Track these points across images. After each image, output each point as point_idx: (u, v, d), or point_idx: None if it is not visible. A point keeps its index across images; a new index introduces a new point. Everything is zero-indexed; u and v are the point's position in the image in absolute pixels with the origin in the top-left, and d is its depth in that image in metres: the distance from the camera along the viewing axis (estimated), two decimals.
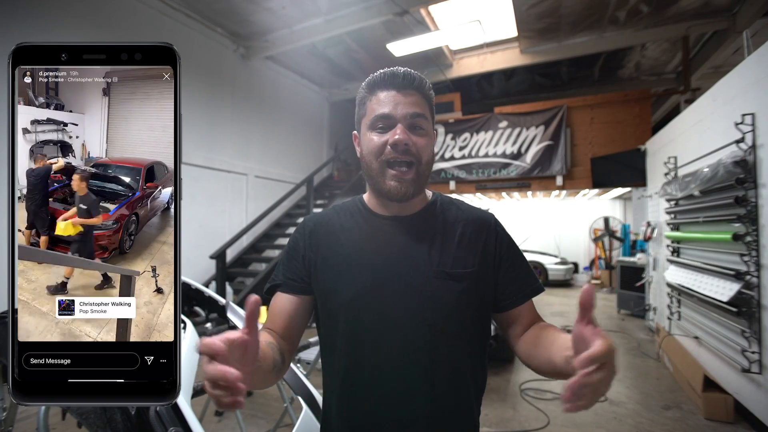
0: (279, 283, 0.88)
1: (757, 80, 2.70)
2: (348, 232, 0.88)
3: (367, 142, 0.83)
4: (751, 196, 2.68)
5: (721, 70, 5.46)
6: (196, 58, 5.60)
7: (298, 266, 0.88)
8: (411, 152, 0.79)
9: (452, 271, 0.81)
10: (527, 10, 5.31)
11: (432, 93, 0.86)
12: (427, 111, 0.83)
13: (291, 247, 0.92)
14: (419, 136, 0.80)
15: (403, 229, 0.86)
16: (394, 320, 0.80)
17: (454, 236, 0.85)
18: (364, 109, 0.85)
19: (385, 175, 0.80)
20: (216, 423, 2.99)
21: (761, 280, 2.60)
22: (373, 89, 0.83)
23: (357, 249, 0.85)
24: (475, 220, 0.89)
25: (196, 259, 5.46)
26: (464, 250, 0.84)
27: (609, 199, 11.31)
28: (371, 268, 0.83)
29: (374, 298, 0.81)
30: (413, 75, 0.82)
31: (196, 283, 1.95)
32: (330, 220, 0.92)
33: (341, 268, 0.84)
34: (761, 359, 2.58)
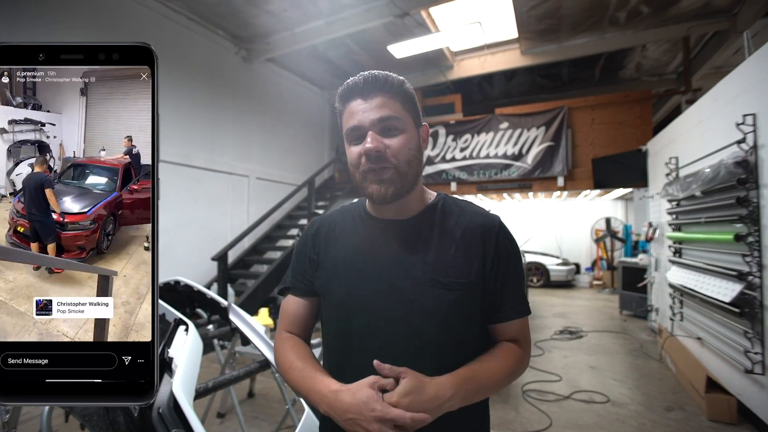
0: (289, 286, 0.93)
1: (758, 81, 2.69)
2: (346, 234, 0.89)
3: (348, 155, 0.82)
4: (753, 196, 2.67)
5: (722, 71, 5.45)
6: (198, 61, 5.62)
7: (306, 268, 0.91)
8: (385, 157, 0.77)
9: (445, 280, 0.79)
10: (528, 12, 5.32)
11: (405, 88, 0.81)
12: (399, 109, 0.79)
13: (299, 249, 0.94)
14: (393, 137, 0.78)
15: (399, 234, 0.84)
16: (381, 326, 0.80)
17: (452, 243, 0.82)
18: (341, 122, 0.84)
19: (366, 180, 0.79)
20: (218, 425, 2.99)
21: (763, 281, 2.59)
22: (343, 101, 0.82)
23: (352, 252, 0.86)
24: (477, 225, 0.84)
25: (198, 260, 5.47)
26: (461, 258, 0.81)
27: (610, 200, 11.30)
28: (362, 271, 0.83)
29: (363, 302, 0.81)
30: (376, 77, 0.79)
31: (198, 285, 1.96)
32: (333, 221, 0.94)
33: (336, 270, 0.86)
34: (764, 360, 2.57)
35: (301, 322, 0.92)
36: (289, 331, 0.91)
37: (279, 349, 0.89)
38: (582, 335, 5.41)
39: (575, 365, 4.23)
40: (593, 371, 4.05)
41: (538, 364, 4.17)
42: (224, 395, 3.10)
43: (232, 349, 2.86)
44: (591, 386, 3.64)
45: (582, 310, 7.29)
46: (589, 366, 4.21)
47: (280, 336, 0.91)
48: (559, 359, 4.43)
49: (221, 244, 5.67)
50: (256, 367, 1.49)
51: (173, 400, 0.85)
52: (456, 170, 7.42)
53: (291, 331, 0.91)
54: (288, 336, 0.90)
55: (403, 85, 0.82)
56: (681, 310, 4.00)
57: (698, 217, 3.51)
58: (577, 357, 4.51)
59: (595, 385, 3.65)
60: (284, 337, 0.90)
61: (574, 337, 5.31)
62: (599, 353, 4.64)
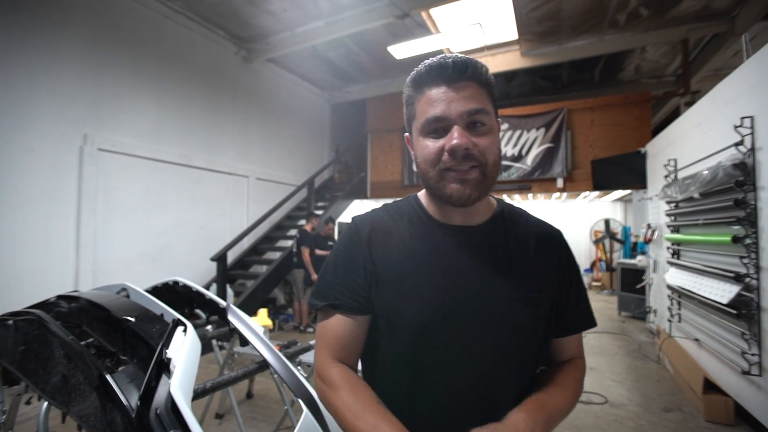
0: (336, 303, 0.75)
1: (756, 83, 2.70)
2: (409, 242, 0.76)
3: (421, 149, 0.71)
4: (751, 198, 2.68)
5: (721, 73, 5.47)
6: (198, 61, 5.63)
7: (359, 281, 0.75)
8: (473, 156, 0.67)
9: (530, 295, 0.72)
10: (528, 14, 5.33)
11: (491, 78, 0.72)
12: (488, 102, 0.70)
13: (346, 255, 0.78)
14: (481, 135, 0.68)
15: (473, 243, 0.75)
16: (465, 347, 0.71)
17: (528, 253, 0.76)
18: (412, 110, 0.74)
19: (444, 179, 0.69)
20: (216, 426, 2.99)
21: (761, 283, 2.60)
22: (419, 87, 0.71)
23: (422, 264, 0.74)
24: (546, 236, 0.80)
25: (197, 261, 5.48)
26: (540, 269, 0.76)
27: (609, 201, 11.30)
28: (441, 288, 0.71)
29: (444, 322, 0.70)
30: (466, 62, 0.68)
31: (197, 286, 1.96)
32: (386, 225, 0.80)
33: (405, 285, 0.73)
34: (761, 361, 2.57)
35: (351, 347, 0.75)
36: (338, 358, 0.75)
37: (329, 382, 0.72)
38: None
39: None
40: (592, 372, 4.06)
41: None
42: (223, 396, 3.10)
43: (230, 350, 2.87)
44: (589, 387, 3.64)
45: None
46: (587, 367, 4.20)
47: (327, 367, 0.74)
48: None
49: (220, 244, 5.68)
50: (255, 367, 1.49)
51: (171, 401, 0.85)
52: None
53: (341, 359, 0.75)
54: (340, 370, 0.73)
55: (489, 75, 0.72)
56: (679, 312, 4.01)
57: (696, 219, 3.52)
58: None
59: (594, 386, 3.66)
60: (336, 371, 0.73)
61: None
62: (598, 354, 4.65)
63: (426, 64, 0.70)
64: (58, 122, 3.96)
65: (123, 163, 4.56)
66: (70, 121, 4.06)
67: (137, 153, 4.70)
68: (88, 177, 4.16)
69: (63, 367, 1.04)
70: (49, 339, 1.11)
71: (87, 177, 4.15)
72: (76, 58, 4.13)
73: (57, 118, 3.95)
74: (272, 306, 6.37)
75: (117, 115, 4.53)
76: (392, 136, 8.09)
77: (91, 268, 4.17)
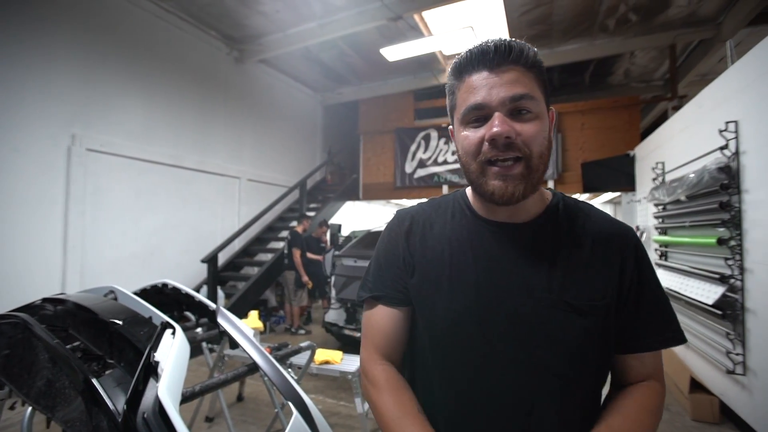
0: (380, 294, 0.75)
1: (741, 89, 2.76)
2: (448, 235, 0.73)
3: (461, 140, 0.67)
4: (735, 201, 2.73)
5: (707, 78, 5.57)
6: (189, 62, 5.59)
7: (399, 273, 0.75)
8: (516, 146, 0.62)
9: (577, 303, 0.65)
10: (519, 17, 5.38)
11: (540, 61, 0.66)
12: (535, 87, 0.64)
13: (388, 250, 0.77)
14: (526, 122, 0.63)
15: (516, 241, 0.69)
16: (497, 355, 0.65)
17: (582, 254, 0.67)
18: (453, 100, 0.70)
19: (486, 174, 0.65)
20: (206, 429, 2.96)
21: (745, 283, 2.65)
22: (460, 74, 0.67)
23: (458, 260, 0.71)
24: (611, 235, 0.70)
25: (188, 262, 5.43)
26: (595, 274, 0.67)
27: (599, 204, 11.44)
28: (475, 286, 0.68)
29: (475, 324, 0.66)
30: (510, 45, 0.63)
31: (186, 288, 1.94)
32: (428, 218, 0.77)
33: (439, 281, 0.71)
34: (745, 361, 2.62)
35: (396, 340, 0.74)
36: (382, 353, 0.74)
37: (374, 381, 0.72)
38: None
39: None
40: None
41: None
42: (213, 399, 3.08)
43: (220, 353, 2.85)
44: None
45: None
46: None
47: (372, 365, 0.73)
48: None
49: (211, 245, 5.64)
50: (245, 370, 1.48)
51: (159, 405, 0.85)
52: (448, 173, 7.46)
53: (385, 354, 0.74)
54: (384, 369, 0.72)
55: (538, 58, 0.66)
56: None
57: (683, 221, 3.57)
58: None
59: None
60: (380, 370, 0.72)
61: None
62: None
63: (468, 51, 0.66)
64: (45, 122, 3.90)
65: (112, 164, 4.51)
66: (57, 121, 4.00)
67: (127, 153, 4.65)
68: (76, 177, 4.11)
69: (48, 371, 1.03)
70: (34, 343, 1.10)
71: (75, 177, 4.10)
72: (63, 57, 4.08)
73: (44, 117, 3.89)
74: (264, 308, 6.33)
75: (106, 115, 4.48)
76: (384, 138, 8.11)
77: (79, 270, 4.12)
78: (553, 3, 5.05)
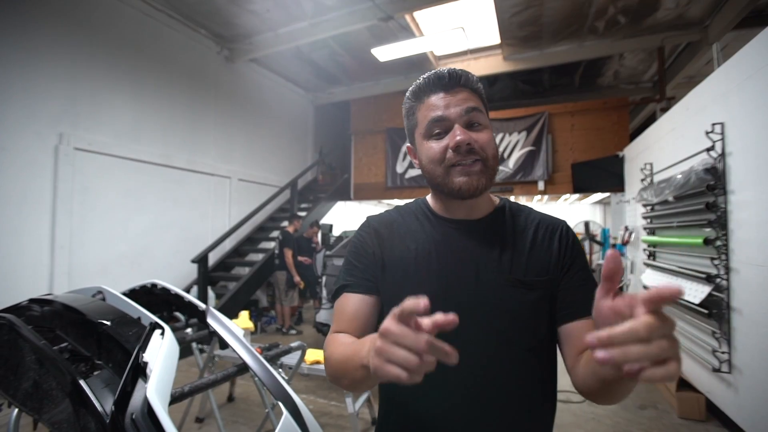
0: (348, 283, 0.82)
1: (726, 91, 2.81)
2: (413, 234, 0.84)
3: (426, 151, 0.78)
4: (721, 202, 2.78)
5: (695, 80, 5.66)
6: (179, 60, 5.54)
7: (369, 264, 0.83)
8: (475, 151, 0.74)
9: (525, 279, 0.77)
10: (510, 18, 5.42)
11: (481, 87, 0.80)
12: (481, 105, 0.78)
13: (358, 246, 0.86)
14: (479, 132, 0.75)
15: (472, 234, 0.81)
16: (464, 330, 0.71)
17: (525, 241, 0.81)
18: (414, 120, 0.81)
19: (451, 175, 0.75)
20: (196, 430, 2.94)
21: (730, 283, 2.70)
22: (419, 96, 0.79)
23: (423, 253, 0.81)
24: (548, 225, 0.84)
25: (178, 263, 5.38)
26: (537, 256, 0.80)
27: (589, 204, 11.56)
28: (438, 273, 0.78)
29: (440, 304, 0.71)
30: (459, 73, 0.77)
31: (176, 288, 1.92)
32: (394, 220, 0.88)
33: (407, 271, 0.80)
34: (731, 359, 2.67)
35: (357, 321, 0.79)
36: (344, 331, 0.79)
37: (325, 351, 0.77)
38: None
39: None
40: None
41: None
42: (203, 400, 3.05)
43: (210, 353, 2.83)
44: (568, 386, 3.68)
45: None
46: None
47: (327, 339, 0.80)
48: None
49: (202, 246, 5.59)
50: (235, 371, 1.47)
51: (147, 406, 0.84)
52: None
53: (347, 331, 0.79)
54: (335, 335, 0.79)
55: (480, 84, 0.80)
56: None
57: (671, 222, 3.63)
58: None
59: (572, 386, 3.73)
60: (331, 337, 0.79)
61: None
62: None
63: (424, 77, 0.78)
64: (32, 120, 3.84)
65: (100, 163, 4.45)
66: (44, 119, 3.94)
67: (115, 153, 4.59)
68: (63, 177, 4.05)
69: (34, 372, 1.01)
70: (20, 344, 1.08)
71: (62, 177, 4.04)
72: (50, 54, 4.01)
73: (30, 115, 3.83)
74: (254, 308, 6.30)
75: (94, 113, 4.42)
76: (376, 138, 8.11)
77: (67, 270, 4.06)
78: (543, 5, 5.10)
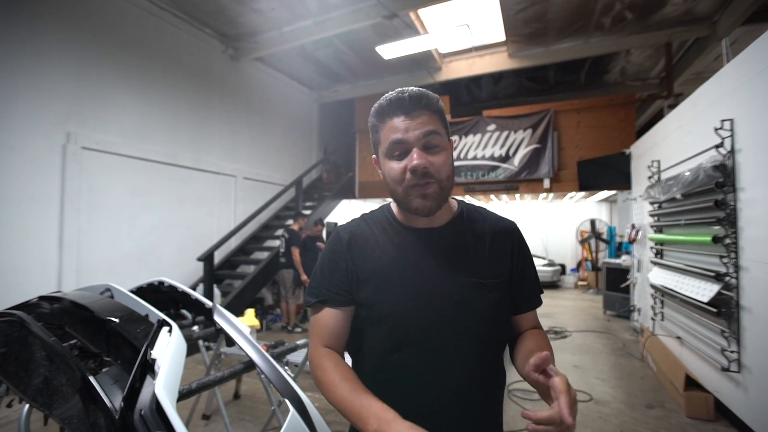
0: (325, 299, 0.88)
1: (736, 87, 2.77)
2: (383, 245, 0.90)
3: (388, 171, 0.84)
4: (730, 199, 2.75)
5: (703, 76, 5.61)
6: (184, 59, 5.56)
7: (342, 279, 0.89)
8: (430, 173, 0.80)
9: (486, 282, 0.86)
10: (515, 15, 5.39)
11: (441, 105, 0.85)
12: (440, 126, 0.82)
13: (330, 259, 0.91)
14: (435, 155, 0.81)
15: (436, 242, 0.89)
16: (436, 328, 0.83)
17: (484, 247, 0.89)
18: (378, 137, 0.86)
19: (410, 195, 0.82)
20: (203, 427, 2.96)
21: (740, 281, 2.67)
22: (382, 117, 0.83)
23: (394, 262, 0.87)
24: (502, 230, 0.93)
25: (184, 261, 5.41)
26: (494, 260, 0.89)
27: (595, 202, 11.47)
28: (412, 281, 0.85)
29: (416, 308, 0.83)
30: (419, 95, 0.81)
31: (183, 286, 1.93)
32: (363, 231, 0.93)
33: (381, 280, 0.86)
34: (740, 358, 2.64)
35: (338, 335, 0.89)
36: (326, 345, 0.88)
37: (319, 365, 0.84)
38: (566, 335, 5.48)
39: (559, 364, 4.28)
40: (577, 370, 4.12)
41: None
42: (210, 397, 3.07)
43: (217, 350, 2.84)
44: (575, 385, 3.68)
45: (567, 310, 7.39)
46: (573, 365, 4.28)
47: (317, 351, 0.87)
48: None
49: (207, 244, 5.62)
50: (241, 368, 1.48)
51: (156, 402, 0.84)
52: None
53: (329, 345, 0.87)
54: (326, 351, 0.86)
55: (441, 102, 0.85)
56: (662, 310, 4.09)
57: (678, 220, 3.59)
58: (561, 356, 4.57)
59: (579, 384, 3.71)
60: (322, 352, 0.86)
61: (558, 337, 5.38)
62: (583, 352, 4.72)
63: (387, 98, 0.83)
64: (40, 119, 3.87)
65: (107, 162, 4.48)
66: (51, 119, 3.97)
67: (122, 152, 4.62)
68: (71, 176, 4.08)
69: (44, 368, 1.02)
70: (30, 340, 1.09)
71: (70, 176, 4.07)
72: (57, 54, 4.04)
73: (38, 115, 3.86)
74: (260, 306, 6.32)
75: (100, 112, 4.45)
76: None
77: (75, 268, 4.09)
78: (548, 1, 5.06)
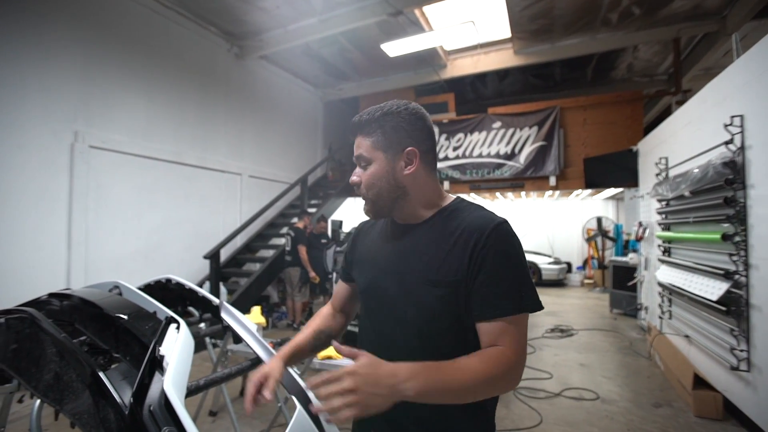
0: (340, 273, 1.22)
1: (746, 83, 2.74)
2: (374, 236, 1.08)
3: None
4: (740, 196, 2.72)
5: (712, 72, 5.53)
6: (189, 57, 5.58)
7: (347, 260, 1.16)
8: (360, 187, 0.97)
9: (434, 278, 0.88)
10: (521, 12, 5.35)
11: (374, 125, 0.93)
12: (368, 147, 0.94)
13: (345, 247, 1.21)
14: (364, 171, 0.96)
15: (409, 236, 0.97)
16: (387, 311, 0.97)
17: (447, 245, 0.89)
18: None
19: None
20: (210, 423, 2.98)
21: (749, 280, 2.64)
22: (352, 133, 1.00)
23: (374, 250, 1.04)
24: (473, 226, 0.86)
25: (190, 259, 5.44)
26: (453, 257, 0.86)
27: (602, 200, 11.40)
28: (377, 266, 1.00)
29: (377, 291, 0.99)
30: (355, 123, 0.96)
31: (190, 283, 1.94)
32: (368, 226, 1.14)
33: (363, 263, 1.07)
34: (749, 357, 2.62)
35: (341, 300, 1.17)
36: (333, 305, 1.18)
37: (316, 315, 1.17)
38: (573, 333, 5.46)
39: (566, 363, 4.28)
40: (583, 369, 4.10)
41: (529, 362, 4.20)
42: (216, 393, 3.09)
43: (224, 348, 2.86)
44: (581, 383, 3.68)
45: (573, 308, 7.36)
46: (579, 363, 4.26)
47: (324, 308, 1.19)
48: (549, 357, 4.48)
49: (213, 242, 5.65)
50: (248, 365, 1.48)
51: (164, 398, 0.85)
52: (449, 169, 7.45)
53: (334, 305, 1.17)
54: (325, 308, 1.18)
55: (374, 123, 0.93)
56: (670, 309, 4.06)
57: (687, 217, 3.56)
58: (567, 355, 4.56)
59: (585, 383, 3.70)
60: (323, 309, 1.18)
61: (565, 335, 5.36)
62: (589, 351, 4.70)
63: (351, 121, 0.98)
64: (48, 119, 3.90)
65: (114, 161, 4.51)
66: (59, 118, 4.00)
67: (128, 150, 4.65)
68: (79, 174, 4.11)
69: (55, 364, 1.03)
70: (41, 337, 1.10)
71: (78, 174, 4.11)
72: (64, 54, 4.07)
73: (46, 114, 3.89)
74: (266, 304, 6.35)
75: (107, 111, 4.48)
76: None
77: (83, 266, 4.13)
78: None
